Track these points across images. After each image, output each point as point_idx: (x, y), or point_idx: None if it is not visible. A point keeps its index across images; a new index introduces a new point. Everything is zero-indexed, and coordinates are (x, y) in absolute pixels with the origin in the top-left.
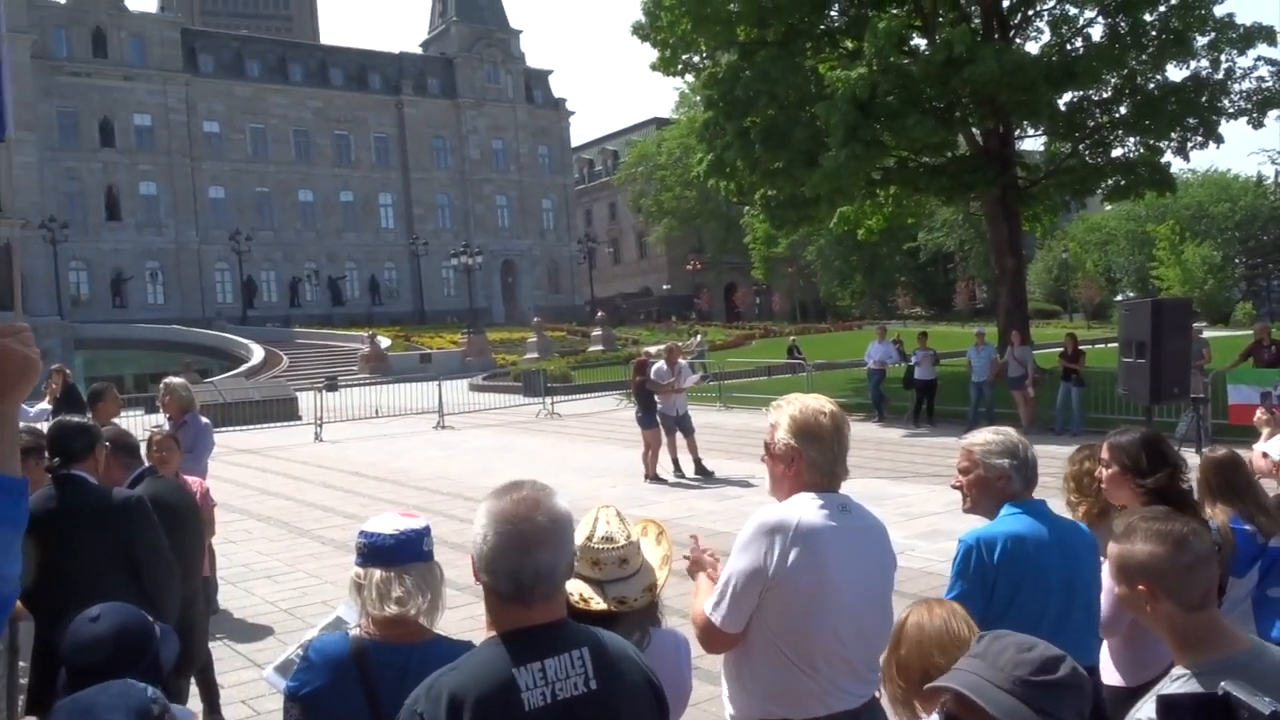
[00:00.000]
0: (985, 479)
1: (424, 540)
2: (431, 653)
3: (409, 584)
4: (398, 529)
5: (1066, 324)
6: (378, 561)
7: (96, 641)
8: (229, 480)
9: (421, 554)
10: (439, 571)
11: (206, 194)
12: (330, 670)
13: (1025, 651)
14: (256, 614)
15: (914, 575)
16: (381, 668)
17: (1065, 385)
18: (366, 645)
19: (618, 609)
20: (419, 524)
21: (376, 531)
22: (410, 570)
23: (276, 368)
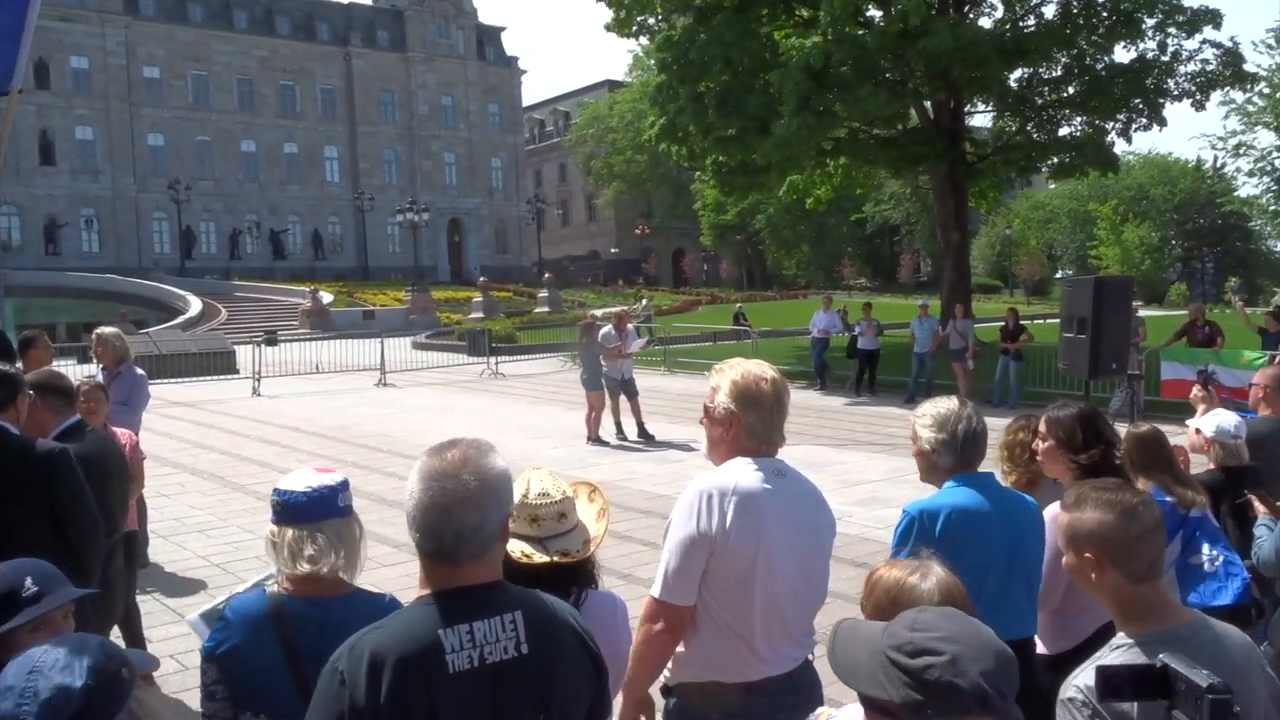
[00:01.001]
0: (923, 451)
1: (339, 496)
2: (349, 605)
3: (322, 542)
4: (311, 486)
5: (1008, 299)
6: (291, 519)
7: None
8: (163, 433)
9: (336, 510)
10: (358, 526)
11: (145, 141)
12: (248, 628)
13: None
14: (188, 568)
15: (851, 541)
16: (300, 623)
17: (1004, 359)
18: (284, 601)
19: (562, 560)
20: (334, 479)
21: (290, 489)
22: (324, 528)
23: (214, 320)
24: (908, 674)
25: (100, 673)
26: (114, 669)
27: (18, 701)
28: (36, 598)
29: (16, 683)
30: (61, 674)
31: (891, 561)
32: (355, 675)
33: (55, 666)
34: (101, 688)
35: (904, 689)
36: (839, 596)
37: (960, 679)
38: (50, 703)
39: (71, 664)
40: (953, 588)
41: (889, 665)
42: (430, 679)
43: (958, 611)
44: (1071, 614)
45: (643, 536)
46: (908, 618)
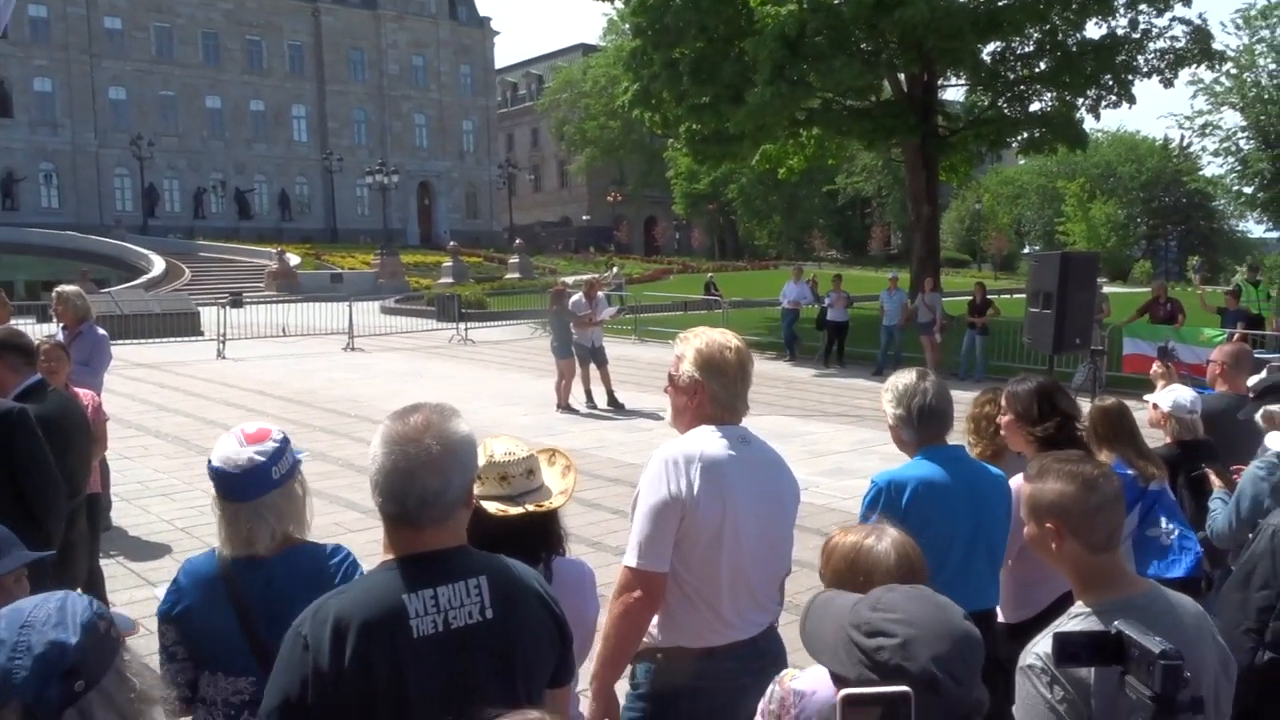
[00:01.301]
0: (889, 425)
1: (273, 468)
2: (294, 558)
3: (256, 521)
4: (241, 463)
5: (975, 273)
6: (226, 496)
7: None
8: (125, 395)
9: (270, 483)
10: (299, 486)
11: (106, 94)
12: (199, 588)
13: (868, 608)
14: (151, 532)
15: (817, 511)
16: (248, 581)
17: (970, 333)
18: (231, 562)
19: (537, 510)
20: (267, 449)
21: (222, 468)
22: (261, 505)
23: (178, 281)
24: (863, 653)
25: (92, 630)
26: (104, 628)
27: (10, 655)
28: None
29: (7, 637)
30: (55, 630)
31: (845, 527)
32: (319, 639)
33: (48, 622)
34: (94, 645)
35: (859, 667)
36: (805, 565)
37: (909, 663)
38: (44, 658)
39: (64, 620)
40: (907, 547)
41: (849, 644)
42: (394, 644)
43: (926, 592)
44: (1031, 583)
45: (611, 504)
46: (874, 596)
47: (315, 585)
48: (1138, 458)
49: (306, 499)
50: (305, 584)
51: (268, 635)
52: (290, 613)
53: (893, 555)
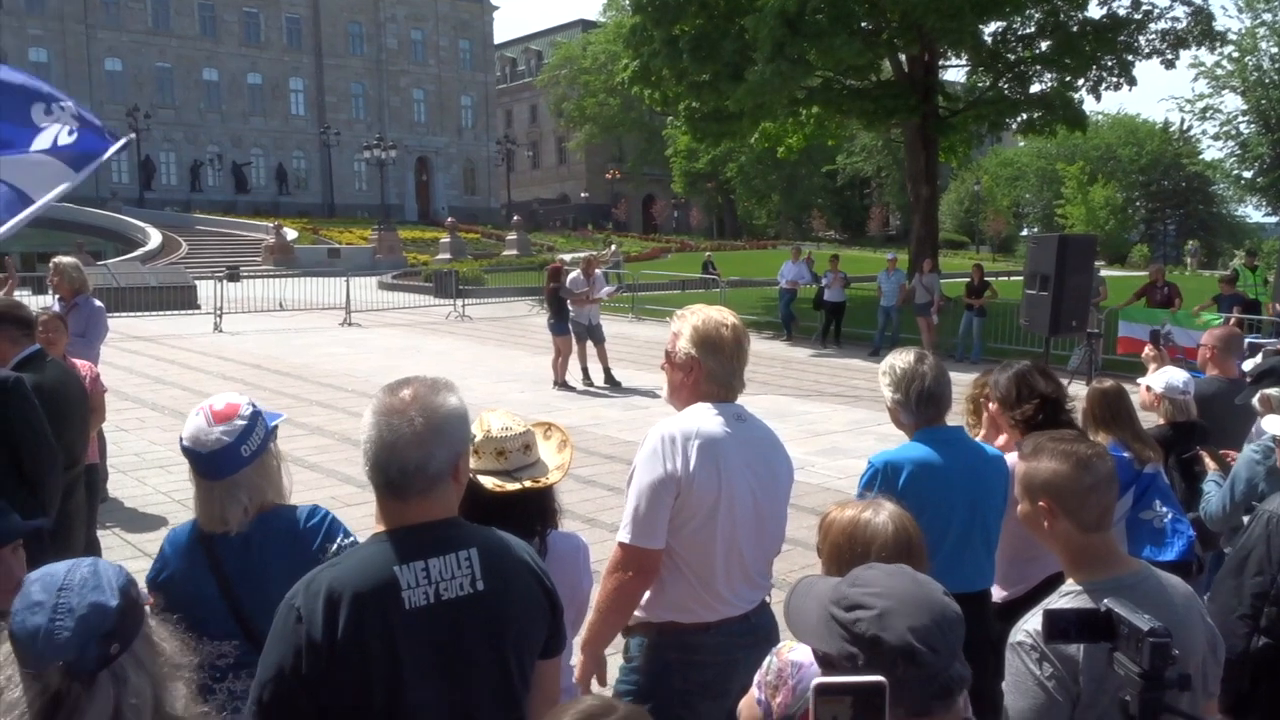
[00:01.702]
0: (888, 407)
1: (241, 447)
2: (267, 523)
3: (227, 498)
4: (209, 444)
5: (974, 255)
6: (200, 474)
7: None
8: (122, 367)
9: (241, 461)
10: (274, 459)
11: (102, 65)
12: (181, 556)
13: (848, 585)
14: (148, 504)
15: (812, 490)
16: (225, 547)
17: (968, 314)
18: (213, 531)
19: (533, 486)
20: (235, 427)
21: (191, 447)
22: (234, 481)
23: (174, 254)
24: (842, 626)
25: (127, 594)
26: (134, 593)
27: (51, 616)
28: None
29: (46, 599)
30: (94, 592)
31: (842, 503)
32: (312, 612)
33: (85, 585)
34: (129, 608)
35: (839, 641)
36: (799, 544)
37: (886, 633)
38: (86, 619)
39: (101, 583)
40: (905, 520)
41: (829, 619)
42: (387, 615)
43: (906, 570)
44: (1022, 562)
45: (607, 482)
46: (854, 574)
47: (292, 549)
48: (1134, 440)
49: (282, 466)
50: (282, 548)
51: (247, 599)
52: (268, 577)
53: (890, 528)
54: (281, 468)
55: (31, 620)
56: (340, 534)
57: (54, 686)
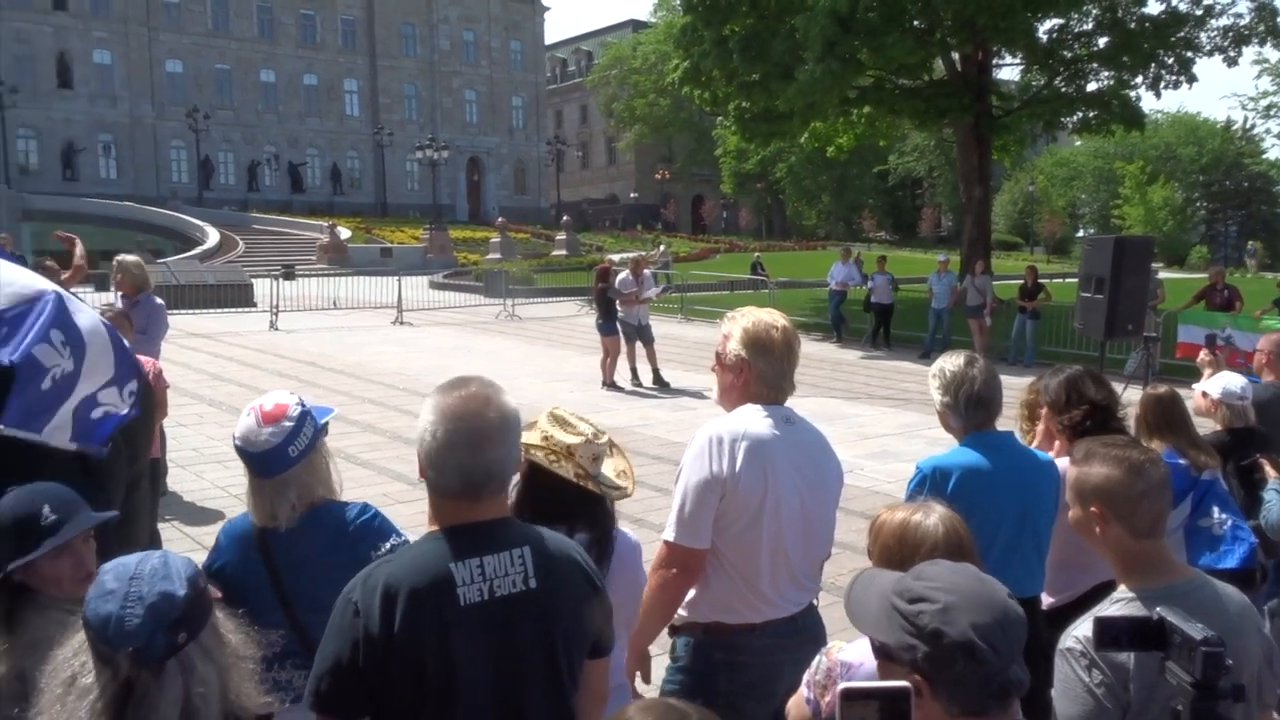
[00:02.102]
0: (937, 410)
1: (289, 447)
2: (318, 518)
3: (276, 496)
4: (258, 444)
5: (1028, 257)
6: (251, 472)
7: None
8: (181, 364)
9: (289, 461)
10: (322, 459)
11: (163, 66)
12: (236, 546)
13: (911, 578)
14: (205, 498)
15: (861, 494)
16: (277, 539)
17: (1021, 317)
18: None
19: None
20: (283, 428)
21: (242, 446)
22: (283, 480)
23: (232, 252)
24: (905, 619)
25: (195, 584)
26: (202, 585)
27: (122, 604)
28: (56, 526)
29: (117, 587)
30: (164, 582)
31: (892, 506)
32: (369, 606)
33: (155, 574)
34: (197, 598)
35: (900, 633)
36: (848, 548)
37: (948, 627)
38: (156, 607)
39: (170, 573)
40: (955, 522)
41: (891, 610)
42: (442, 611)
43: (970, 568)
44: (1072, 568)
45: (655, 483)
46: (918, 568)
47: (339, 543)
48: (1190, 447)
49: (330, 463)
50: (329, 543)
51: (295, 591)
52: (316, 570)
53: (940, 529)
54: (330, 465)
55: (104, 608)
56: (392, 534)
57: (124, 673)
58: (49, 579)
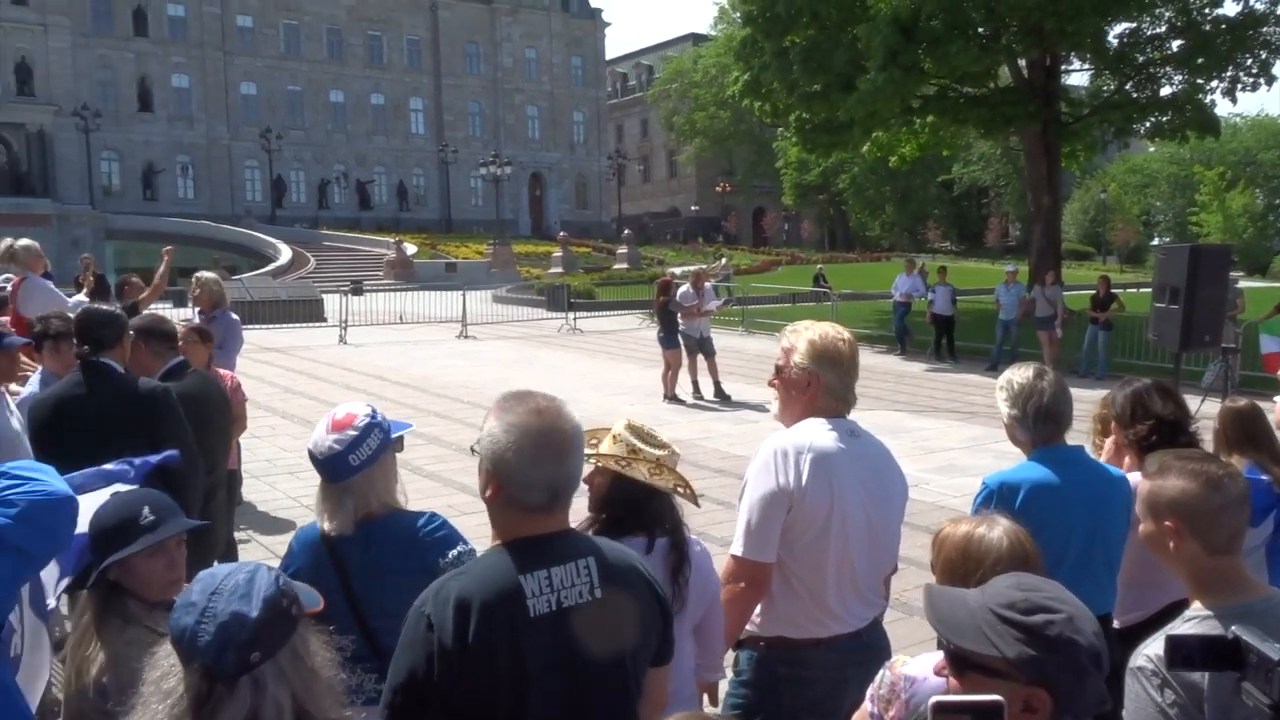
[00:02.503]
0: (1004, 423)
1: (350, 456)
2: (386, 525)
3: (337, 501)
4: (322, 450)
5: (1100, 266)
6: (321, 476)
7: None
8: (254, 377)
9: (349, 470)
10: (385, 472)
11: (238, 89)
12: (306, 552)
13: (1016, 589)
14: (278, 508)
15: (927, 509)
16: (346, 547)
17: (1092, 328)
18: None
19: (680, 486)
20: (346, 437)
21: (311, 451)
22: (344, 486)
23: (303, 269)
24: (1023, 630)
25: (273, 606)
26: (285, 604)
27: (199, 619)
28: (153, 526)
29: (199, 600)
30: (240, 601)
31: (955, 519)
32: (443, 619)
33: (235, 593)
34: (272, 621)
35: (1017, 645)
36: (913, 563)
37: (1079, 636)
38: (226, 626)
39: (249, 592)
40: (1020, 535)
41: (998, 622)
42: (513, 622)
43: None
44: (1144, 586)
45: (717, 496)
46: (1009, 579)
47: (408, 551)
48: (1272, 463)
49: (394, 475)
50: (399, 551)
51: (364, 597)
52: (385, 577)
53: (1005, 542)
54: (393, 476)
55: (183, 619)
56: (458, 543)
57: (195, 685)
58: (142, 579)
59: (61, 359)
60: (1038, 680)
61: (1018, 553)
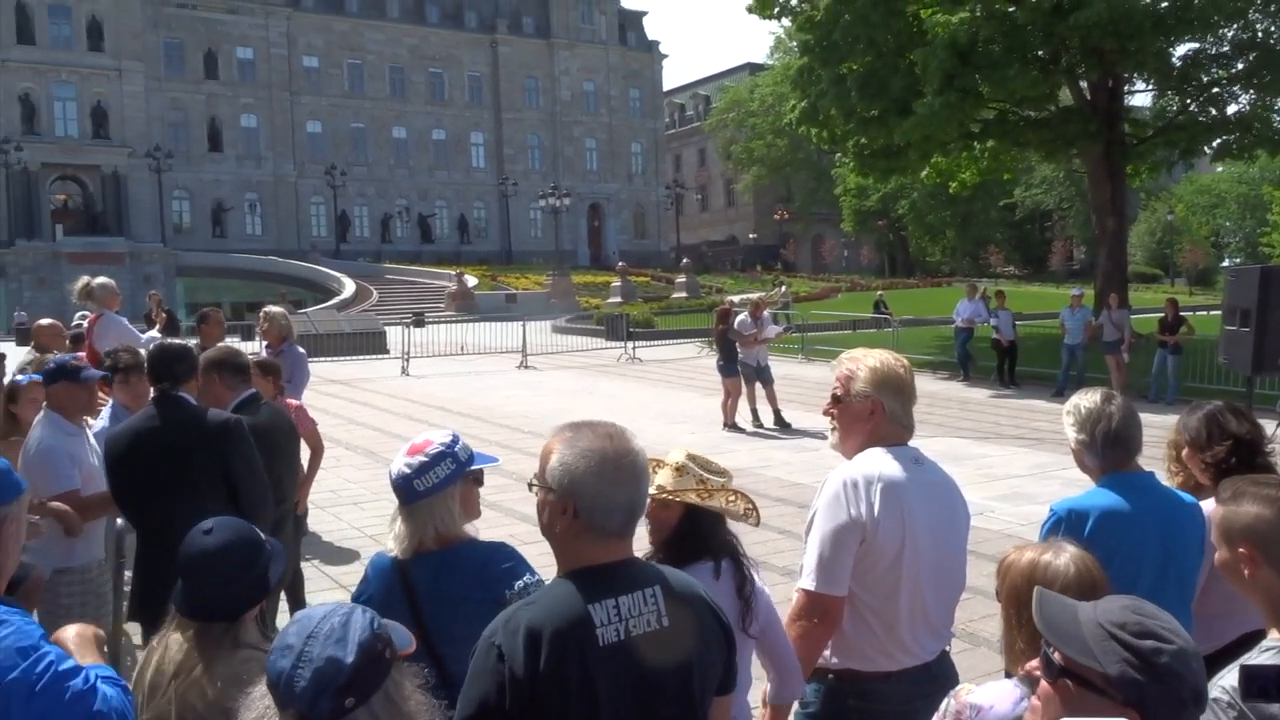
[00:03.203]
0: (1072, 449)
1: (415, 481)
2: (458, 553)
3: (402, 524)
4: (394, 474)
5: (1167, 289)
6: (398, 499)
7: (207, 552)
8: (319, 409)
9: (415, 495)
10: (450, 500)
11: (304, 128)
12: (380, 580)
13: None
14: (343, 538)
15: (992, 537)
16: (418, 574)
17: (1161, 352)
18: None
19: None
20: (414, 462)
21: (390, 474)
22: (410, 510)
23: (366, 302)
24: (1133, 653)
25: (367, 650)
26: (379, 648)
27: (295, 663)
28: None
29: (295, 644)
30: (335, 646)
31: (1021, 546)
32: (513, 649)
33: (330, 637)
34: (368, 664)
35: (1122, 665)
36: (979, 592)
37: (1188, 672)
38: (322, 671)
39: (345, 636)
40: (1088, 562)
41: (1106, 638)
42: (583, 651)
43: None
44: (1217, 616)
45: (778, 525)
46: (1125, 600)
47: (476, 581)
48: None
49: (458, 506)
50: (469, 578)
51: (432, 622)
52: (454, 603)
53: (1072, 569)
54: (456, 509)
55: (279, 663)
56: (525, 572)
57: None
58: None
59: (131, 391)
60: (1134, 703)
61: (1085, 580)
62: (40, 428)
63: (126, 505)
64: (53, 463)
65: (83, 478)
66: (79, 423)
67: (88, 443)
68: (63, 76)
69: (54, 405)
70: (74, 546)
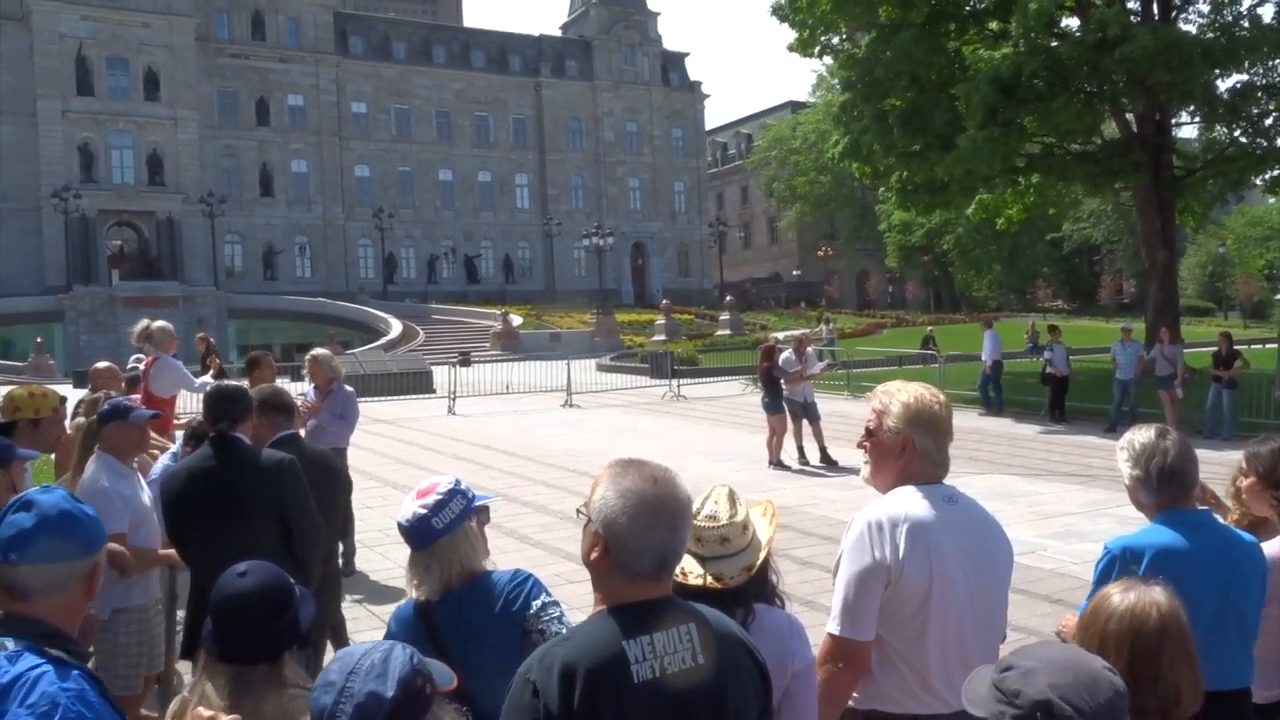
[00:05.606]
0: (1126, 486)
1: (434, 519)
2: (475, 587)
3: (422, 567)
4: (408, 518)
5: (1220, 322)
6: (411, 544)
7: (241, 596)
8: (367, 448)
9: (434, 533)
10: (467, 535)
11: (353, 172)
12: (403, 629)
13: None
14: (390, 577)
15: (1045, 576)
16: (440, 615)
17: (1216, 387)
18: (426, 600)
19: (711, 585)
20: (429, 502)
21: (400, 522)
22: (430, 552)
23: (413, 342)
24: (996, 688)
25: (407, 686)
26: (419, 684)
27: (337, 699)
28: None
29: (337, 679)
30: (376, 681)
31: (1103, 591)
32: (547, 686)
33: (371, 672)
34: (408, 700)
35: (994, 704)
36: (1032, 633)
37: (1026, 686)
38: (363, 707)
39: (385, 672)
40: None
41: (991, 686)
42: (618, 688)
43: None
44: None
45: (825, 563)
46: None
47: (496, 608)
48: None
49: (480, 539)
50: (487, 608)
51: (458, 659)
52: (476, 636)
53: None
54: (479, 540)
55: (322, 699)
56: (541, 594)
57: None
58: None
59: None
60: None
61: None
62: (94, 469)
63: (181, 543)
64: (104, 504)
65: (133, 520)
66: (130, 464)
67: (139, 484)
68: (120, 126)
69: (106, 447)
70: (131, 587)
